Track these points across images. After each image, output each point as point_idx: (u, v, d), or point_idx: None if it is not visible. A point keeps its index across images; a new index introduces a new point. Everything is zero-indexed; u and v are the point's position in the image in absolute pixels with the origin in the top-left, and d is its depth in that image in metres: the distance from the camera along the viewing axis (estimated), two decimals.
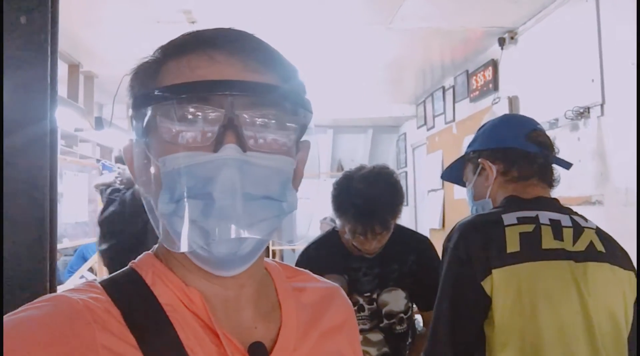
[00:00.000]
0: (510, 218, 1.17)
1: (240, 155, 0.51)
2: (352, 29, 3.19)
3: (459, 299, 1.14)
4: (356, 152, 6.64)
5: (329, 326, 0.67)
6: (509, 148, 1.29)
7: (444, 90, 4.53)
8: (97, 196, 3.59)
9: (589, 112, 2.49)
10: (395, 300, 1.75)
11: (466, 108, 4.05)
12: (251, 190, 0.52)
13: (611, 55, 2.35)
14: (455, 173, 1.49)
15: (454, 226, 1.22)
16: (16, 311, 0.51)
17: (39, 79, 0.99)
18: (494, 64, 3.51)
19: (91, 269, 4.05)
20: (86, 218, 3.46)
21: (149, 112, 0.54)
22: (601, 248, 1.17)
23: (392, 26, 3.12)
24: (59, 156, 1.10)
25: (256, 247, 0.55)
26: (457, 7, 2.87)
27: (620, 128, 2.29)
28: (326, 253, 1.79)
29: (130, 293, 0.56)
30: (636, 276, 1.19)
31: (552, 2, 2.76)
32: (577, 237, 1.17)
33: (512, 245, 1.12)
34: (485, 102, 3.67)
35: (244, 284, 0.60)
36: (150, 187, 0.55)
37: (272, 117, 0.55)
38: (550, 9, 2.80)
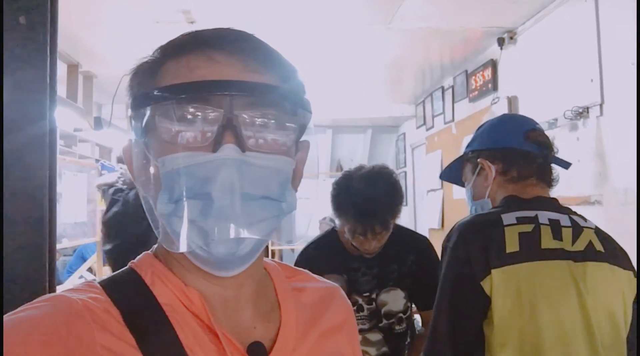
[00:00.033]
0: (509, 218, 1.17)
1: (239, 155, 0.51)
2: (352, 29, 3.19)
3: (459, 299, 1.14)
4: (355, 152, 6.64)
5: (328, 326, 0.67)
6: (508, 148, 1.29)
7: (443, 90, 4.53)
8: (96, 196, 3.59)
9: (588, 112, 2.49)
10: (394, 300, 1.75)
11: (465, 108, 4.05)
12: (250, 190, 0.52)
13: (610, 55, 2.35)
14: (454, 173, 1.49)
15: (453, 226, 1.22)
16: (16, 311, 0.51)
17: (38, 78, 0.98)
18: (493, 64, 3.51)
19: (90, 269, 4.05)
20: (85, 219, 3.45)
21: (148, 112, 0.54)
22: (600, 248, 1.17)
23: (392, 26, 3.12)
24: (58, 156, 1.10)
25: (255, 247, 0.55)
26: (456, 7, 2.87)
27: (619, 128, 2.29)
28: (325, 253, 1.79)
29: (129, 293, 0.56)
30: (635, 276, 1.19)
31: (551, 2, 2.76)
32: (576, 236, 1.17)
33: (512, 245, 1.12)
34: (484, 102, 3.67)
35: (242, 284, 0.60)
36: (149, 187, 0.55)
37: (272, 117, 0.55)
38: (549, 9, 2.80)
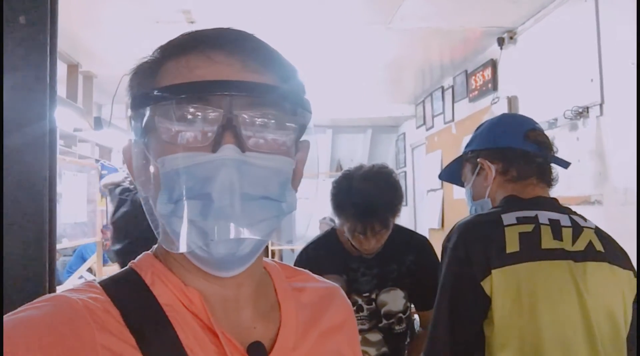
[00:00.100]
0: (509, 218, 1.17)
1: (238, 155, 0.51)
2: (352, 28, 3.19)
3: (459, 299, 1.14)
4: (355, 152, 6.64)
5: (328, 326, 0.67)
6: (508, 148, 1.29)
7: (443, 90, 4.53)
8: (96, 196, 3.59)
9: (588, 111, 2.49)
10: (393, 300, 1.75)
11: (465, 108, 4.05)
12: (250, 191, 0.52)
13: (610, 55, 2.35)
14: (453, 173, 1.49)
15: (454, 226, 1.22)
16: (16, 311, 0.51)
17: (38, 78, 0.98)
18: (493, 64, 3.51)
19: (90, 269, 4.05)
20: (85, 219, 3.45)
21: (148, 112, 0.54)
22: (600, 247, 1.17)
23: (392, 26, 3.12)
24: (58, 156, 1.10)
25: (255, 247, 0.55)
26: (456, 7, 2.87)
27: (619, 128, 2.29)
28: (325, 253, 1.79)
29: (129, 293, 0.56)
30: (635, 275, 1.19)
31: (551, 2, 2.76)
32: (576, 236, 1.17)
33: (512, 245, 1.12)
34: (484, 102, 3.67)
35: (242, 283, 0.59)
36: (149, 187, 0.55)
37: (271, 117, 0.54)
38: (549, 8, 2.80)
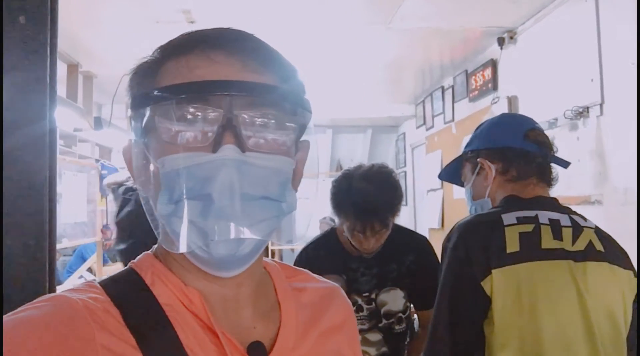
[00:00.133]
0: (509, 218, 1.17)
1: (239, 155, 0.51)
2: (352, 29, 3.19)
3: (459, 299, 1.14)
4: (355, 151, 6.64)
5: (328, 325, 0.67)
6: (508, 148, 1.29)
7: (443, 90, 4.53)
8: (96, 196, 3.59)
9: (588, 111, 2.49)
10: (393, 300, 1.75)
11: (465, 108, 4.05)
12: (250, 191, 0.52)
13: (610, 54, 2.35)
14: (453, 173, 1.49)
15: (454, 226, 1.22)
16: (16, 311, 0.51)
17: (38, 78, 0.98)
18: (493, 64, 3.51)
19: (90, 269, 4.06)
20: (85, 219, 3.46)
21: (148, 112, 0.54)
22: (600, 247, 1.17)
23: (392, 26, 3.12)
24: (58, 156, 1.10)
25: (255, 247, 0.55)
26: (456, 7, 2.87)
27: (619, 128, 2.29)
28: (324, 253, 1.79)
29: (129, 293, 0.56)
30: (635, 275, 1.19)
31: (551, 1, 2.76)
32: (576, 236, 1.17)
33: (512, 245, 1.12)
34: (484, 102, 3.67)
35: (242, 283, 0.59)
36: (149, 187, 0.55)
37: (271, 117, 0.54)
38: (549, 8, 2.80)
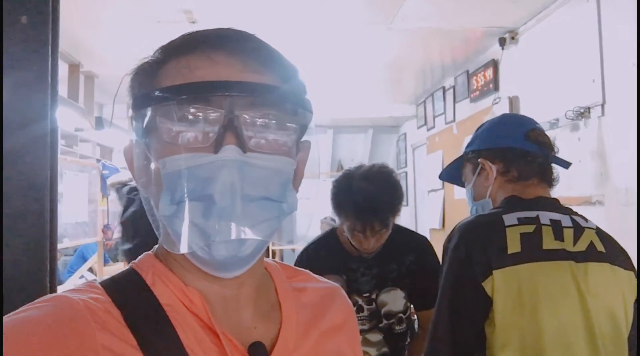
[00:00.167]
0: (510, 218, 1.17)
1: (240, 156, 0.51)
2: (352, 29, 3.19)
3: (460, 300, 1.14)
4: (356, 152, 6.64)
5: (329, 326, 0.67)
6: (509, 148, 1.29)
7: (444, 90, 4.53)
8: (97, 196, 3.59)
9: (589, 112, 2.49)
10: (394, 300, 1.75)
11: (466, 109, 4.05)
12: (251, 191, 0.52)
13: (612, 55, 2.35)
14: (453, 174, 1.48)
15: (455, 227, 1.22)
16: (16, 311, 0.51)
17: (40, 78, 0.99)
18: (495, 64, 3.51)
19: (91, 269, 4.06)
20: (86, 218, 3.46)
21: (149, 113, 0.54)
22: (601, 248, 1.17)
23: (393, 26, 3.12)
24: (59, 156, 1.10)
25: (257, 248, 0.55)
26: (457, 7, 2.87)
27: (620, 129, 2.29)
28: (325, 254, 1.79)
29: (130, 294, 0.56)
30: (636, 276, 1.19)
31: (552, 2, 2.76)
32: (577, 237, 1.17)
33: (513, 246, 1.12)
34: (485, 102, 3.67)
35: (243, 283, 0.59)
36: (150, 187, 0.55)
37: (272, 117, 0.54)
38: (551, 9, 2.80)
